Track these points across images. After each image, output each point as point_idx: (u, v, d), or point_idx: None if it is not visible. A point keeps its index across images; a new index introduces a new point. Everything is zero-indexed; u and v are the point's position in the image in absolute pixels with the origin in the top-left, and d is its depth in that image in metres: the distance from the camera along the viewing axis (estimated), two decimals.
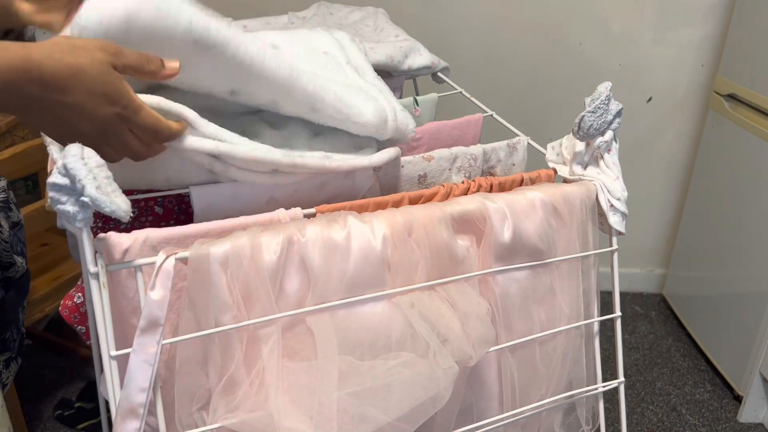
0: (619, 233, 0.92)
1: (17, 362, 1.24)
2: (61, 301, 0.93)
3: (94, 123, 0.60)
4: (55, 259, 1.61)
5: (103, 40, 0.60)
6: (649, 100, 2.06)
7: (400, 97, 1.19)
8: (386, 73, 1.16)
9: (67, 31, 0.62)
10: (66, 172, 0.57)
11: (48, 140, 0.71)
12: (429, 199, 0.85)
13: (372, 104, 0.83)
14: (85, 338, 0.97)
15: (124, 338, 0.67)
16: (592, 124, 0.87)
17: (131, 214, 0.58)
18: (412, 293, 0.78)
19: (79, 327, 0.96)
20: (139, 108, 0.62)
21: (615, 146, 0.92)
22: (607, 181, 0.91)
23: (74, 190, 0.57)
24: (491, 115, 1.13)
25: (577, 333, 0.93)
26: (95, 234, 0.65)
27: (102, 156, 0.58)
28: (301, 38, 0.94)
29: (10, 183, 1.25)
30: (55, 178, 0.57)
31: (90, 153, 0.58)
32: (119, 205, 0.57)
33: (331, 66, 0.90)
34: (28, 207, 1.38)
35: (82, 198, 0.56)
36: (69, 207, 0.57)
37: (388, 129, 0.84)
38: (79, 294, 0.94)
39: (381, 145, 0.87)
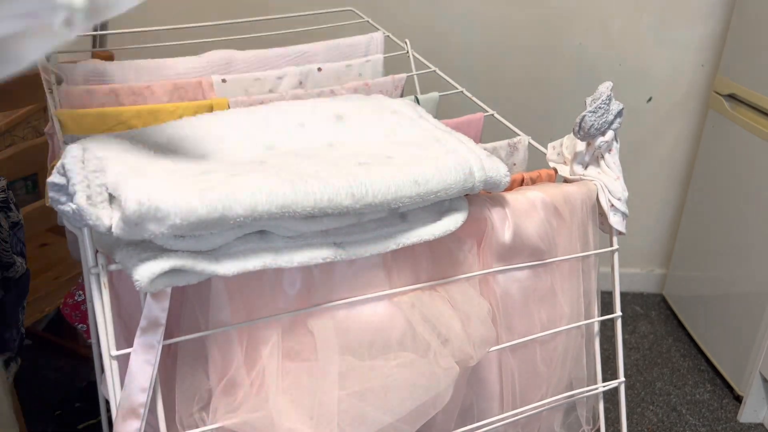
0: (620, 233, 0.92)
1: (17, 362, 1.24)
2: (62, 300, 0.93)
3: None
4: (55, 259, 1.61)
5: None
6: (649, 100, 2.06)
7: (401, 96, 1.19)
8: None
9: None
10: (64, 172, 0.57)
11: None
12: None
13: (452, 157, 0.74)
14: (85, 336, 0.97)
15: (125, 337, 0.67)
16: (593, 124, 0.87)
17: (111, 231, 0.58)
18: (413, 293, 0.78)
19: (80, 325, 0.96)
20: None
21: (616, 146, 0.92)
22: (608, 181, 0.91)
23: (69, 192, 0.57)
24: (492, 115, 1.13)
25: (578, 333, 0.93)
26: None
27: None
28: (369, 102, 0.88)
29: (10, 183, 1.25)
30: (54, 177, 0.57)
31: (90, 156, 0.58)
32: (102, 220, 0.57)
33: (402, 123, 0.84)
34: (28, 207, 1.37)
35: (70, 204, 0.56)
36: (68, 207, 0.57)
37: (476, 180, 0.74)
38: (80, 292, 0.94)
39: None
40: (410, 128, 0.83)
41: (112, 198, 0.58)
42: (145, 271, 0.57)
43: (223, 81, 1.06)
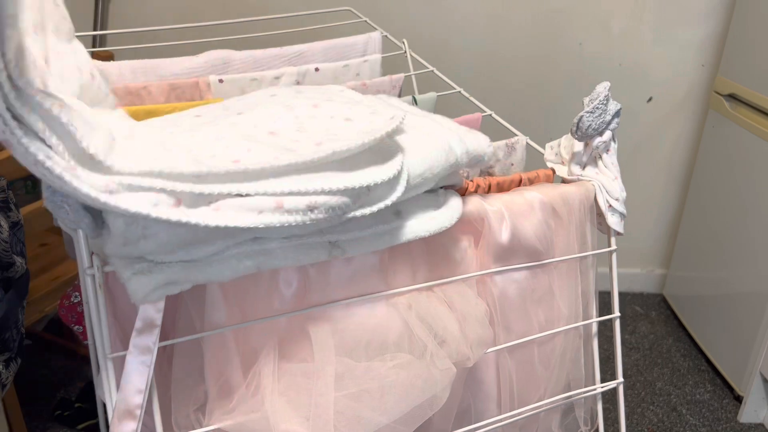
0: (618, 233, 0.92)
1: (17, 362, 1.24)
2: (58, 302, 0.93)
3: None
4: (55, 259, 1.61)
5: None
6: (649, 100, 2.06)
7: (399, 96, 1.19)
8: None
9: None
10: None
11: None
12: None
13: (428, 138, 0.73)
14: (82, 338, 0.97)
15: (121, 339, 0.67)
16: (590, 124, 0.87)
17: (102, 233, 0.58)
18: (410, 294, 0.78)
19: (76, 326, 0.96)
20: None
21: (613, 146, 0.91)
22: (606, 181, 0.91)
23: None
24: (490, 115, 1.13)
25: (576, 333, 0.93)
26: None
27: None
28: (325, 92, 0.85)
29: (10, 183, 1.25)
30: None
31: None
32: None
33: (374, 110, 0.81)
34: (28, 207, 1.37)
35: (64, 206, 0.56)
36: (64, 208, 0.57)
37: (457, 155, 0.74)
38: (76, 293, 0.94)
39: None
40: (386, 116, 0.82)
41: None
42: (140, 286, 0.57)
43: (220, 81, 1.06)
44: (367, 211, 0.65)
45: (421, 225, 0.73)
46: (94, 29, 1.99)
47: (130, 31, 1.27)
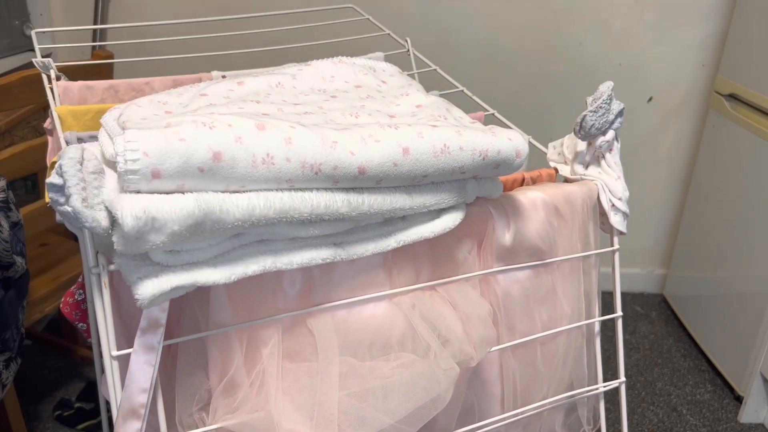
0: (621, 233, 0.92)
1: (17, 362, 1.24)
2: (62, 299, 0.93)
3: None
4: (55, 259, 1.61)
5: None
6: (650, 100, 2.06)
7: None
8: None
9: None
10: (61, 173, 0.56)
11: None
12: None
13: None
14: (85, 335, 0.97)
15: (125, 338, 0.67)
16: (593, 124, 0.86)
17: (110, 232, 0.57)
18: (413, 294, 0.78)
19: (81, 324, 0.96)
20: None
21: (617, 146, 0.91)
22: (609, 180, 0.90)
23: (65, 194, 0.56)
24: (493, 114, 1.13)
25: (579, 333, 0.92)
26: None
27: None
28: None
29: (10, 183, 1.25)
30: (53, 178, 0.56)
31: (90, 155, 0.57)
32: (99, 222, 0.56)
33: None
34: (28, 207, 1.37)
35: (65, 207, 0.56)
36: (68, 208, 0.57)
37: (467, 193, 0.75)
38: (80, 291, 0.94)
39: None
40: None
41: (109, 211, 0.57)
42: (146, 291, 0.57)
43: (224, 77, 1.05)
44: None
45: (426, 227, 0.73)
46: (94, 31, 1.99)
47: (129, 26, 1.27)
